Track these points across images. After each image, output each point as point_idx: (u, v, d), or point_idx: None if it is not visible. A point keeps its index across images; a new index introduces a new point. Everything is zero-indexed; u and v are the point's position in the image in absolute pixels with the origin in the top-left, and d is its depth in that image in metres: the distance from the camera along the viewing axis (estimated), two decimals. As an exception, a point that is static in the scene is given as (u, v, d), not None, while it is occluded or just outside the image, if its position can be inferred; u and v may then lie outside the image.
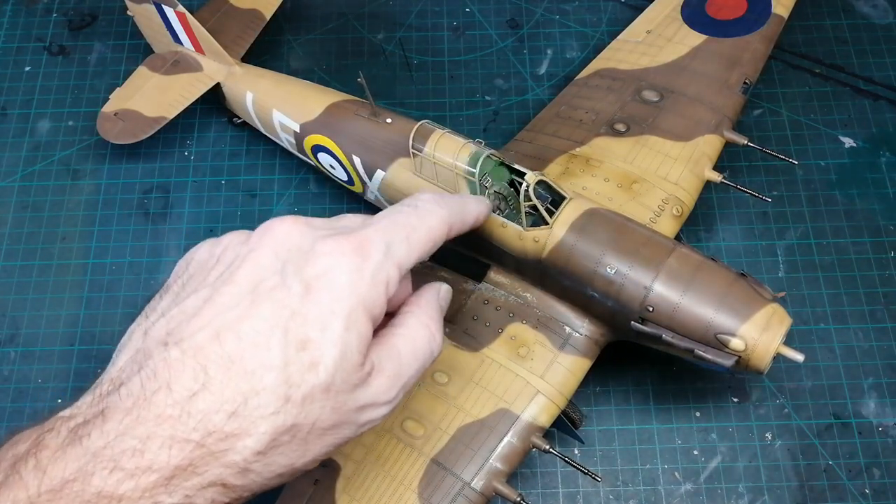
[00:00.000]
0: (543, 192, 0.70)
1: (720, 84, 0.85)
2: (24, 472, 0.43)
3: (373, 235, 0.51)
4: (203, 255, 0.52)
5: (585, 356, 0.72)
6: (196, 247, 0.53)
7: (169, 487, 0.44)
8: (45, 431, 0.44)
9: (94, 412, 0.44)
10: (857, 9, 1.04)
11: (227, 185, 0.95)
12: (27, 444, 0.44)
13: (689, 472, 0.79)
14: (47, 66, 1.03)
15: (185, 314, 0.47)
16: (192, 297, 0.48)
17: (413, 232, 0.53)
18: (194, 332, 0.46)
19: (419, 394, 0.71)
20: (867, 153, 0.95)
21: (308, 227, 0.51)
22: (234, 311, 0.46)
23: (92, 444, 0.43)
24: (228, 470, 0.45)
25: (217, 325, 0.46)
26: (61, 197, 0.95)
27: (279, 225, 0.50)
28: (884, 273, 0.88)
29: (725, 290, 0.67)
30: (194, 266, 0.52)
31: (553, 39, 1.04)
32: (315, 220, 0.53)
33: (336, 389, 0.47)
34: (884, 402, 0.82)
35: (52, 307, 0.89)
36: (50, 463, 0.43)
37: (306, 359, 0.46)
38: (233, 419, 0.44)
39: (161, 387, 0.44)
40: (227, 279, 0.48)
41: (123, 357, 0.48)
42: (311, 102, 0.85)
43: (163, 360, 0.45)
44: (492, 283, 0.76)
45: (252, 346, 0.45)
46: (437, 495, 0.66)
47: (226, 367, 0.45)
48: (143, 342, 0.47)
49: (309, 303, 0.47)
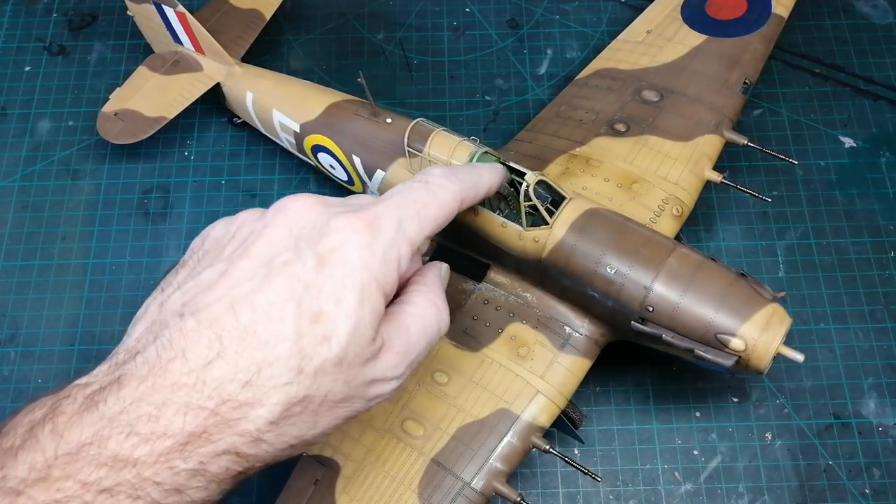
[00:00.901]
0: (543, 192, 0.70)
1: (720, 84, 0.85)
2: (42, 436, 0.43)
3: (384, 212, 0.51)
4: (219, 232, 0.53)
5: (585, 356, 0.72)
6: (212, 224, 0.54)
7: (183, 453, 0.44)
8: (62, 398, 0.45)
9: (110, 379, 0.45)
10: (857, 9, 1.04)
11: (227, 185, 0.95)
12: (44, 410, 0.45)
13: (689, 472, 0.79)
14: (47, 66, 1.03)
15: (201, 287, 0.48)
16: (207, 271, 0.49)
17: (424, 208, 0.54)
18: (210, 304, 0.46)
19: (419, 394, 0.71)
20: (867, 153, 0.95)
21: (322, 205, 0.51)
22: (248, 284, 0.47)
23: (108, 410, 0.44)
24: (241, 439, 0.46)
25: (232, 297, 0.47)
26: (61, 197, 0.95)
27: (293, 202, 0.51)
28: (884, 273, 0.88)
29: (725, 290, 0.67)
30: (210, 242, 0.53)
31: (553, 39, 1.04)
32: (329, 198, 0.53)
33: (348, 363, 0.48)
34: (884, 402, 0.82)
35: (52, 307, 0.89)
36: (66, 427, 0.43)
37: (319, 331, 0.47)
38: (246, 388, 0.45)
39: (177, 355, 0.45)
40: (241, 254, 0.49)
41: (139, 328, 0.48)
42: (311, 102, 0.85)
43: (178, 329, 0.46)
44: (492, 283, 0.76)
45: (266, 318, 0.46)
46: (437, 495, 0.66)
47: (240, 338, 0.46)
48: (159, 314, 0.48)
49: (323, 276, 0.48)
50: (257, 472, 0.49)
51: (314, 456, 0.70)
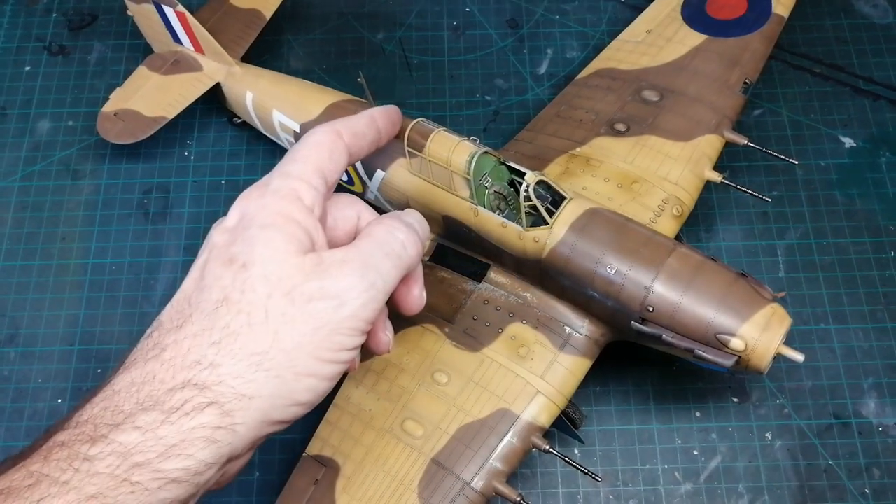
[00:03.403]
0: (543, 191, 0.70)
1: (720, 84, 0.85)
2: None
3: (270, 175, 0.57)
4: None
5: (585, 356, 0.72)
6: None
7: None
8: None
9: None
10: (857, 9, 1.04)
11: (226, 185, 0.95)
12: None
13: (689, 472, 0.79)
14: (47, 66, 1.03)
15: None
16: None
17: (297, 153, 0.57)
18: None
19: (419, 394, 0.71)
20: (867, 153, 0.95)
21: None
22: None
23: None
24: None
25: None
26: (61, 197, 0.95)
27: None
28: (884, 273, 0.88)
29: (726, 291, 0.67)
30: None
31: (553, 39, 1.04)
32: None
33: (276, 277, 0.51)
34: (884, 402, 0.82)
35: (51, 307, 0.89)
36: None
37: (238, 265, 0.52)
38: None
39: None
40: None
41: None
42: (311, 102, 0.85)
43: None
44: (492, 283, 0.75)
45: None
46: (437, 495, 0.66)
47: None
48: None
49: (237, 245, 0.53)
50: (250, 451, 0.52)
51: (314, 456, 0.70)
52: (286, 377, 0.50)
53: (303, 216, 0.53)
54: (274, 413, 0.50)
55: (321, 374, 0.52)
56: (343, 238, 0.59)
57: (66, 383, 0.84)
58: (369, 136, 0.63)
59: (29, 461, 0.46)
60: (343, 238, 0.59)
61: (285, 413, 0.51)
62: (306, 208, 0.54)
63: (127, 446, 0.46)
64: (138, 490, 0.45)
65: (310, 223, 0.54)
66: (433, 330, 0.74)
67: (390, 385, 0.72)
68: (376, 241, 0.56)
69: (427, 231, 0.62)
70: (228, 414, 0.48)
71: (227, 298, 0.50)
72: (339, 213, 0.59)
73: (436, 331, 0.74)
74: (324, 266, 0.52)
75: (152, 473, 0.46)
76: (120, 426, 0.46)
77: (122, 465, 0.45)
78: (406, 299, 0.61)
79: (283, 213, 0.53)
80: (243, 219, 0.54)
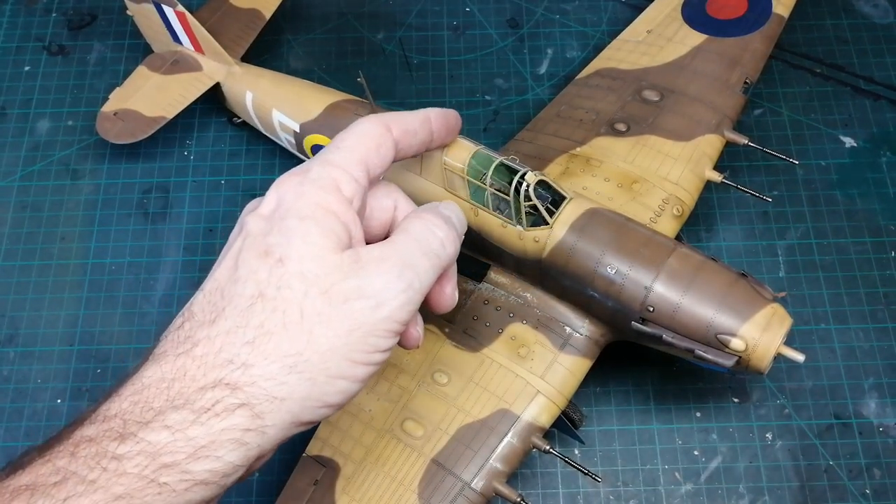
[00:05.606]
0: (543, 191, 0.70)
1: (721, 84, 0.85)
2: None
3: (310, 162, 0.54)
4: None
5: (586, 356, 0.72)
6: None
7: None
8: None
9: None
10: (857, 8, 1.04)
11: (226, 185, 0.95)
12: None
13: (690, 472, 0.79)
14: (47, 66, 1.03)
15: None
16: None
17: (342, 142, 0.55)
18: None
19: (419, 394, 0.71)
20: (868, 153, 0.95)
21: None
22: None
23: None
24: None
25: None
26: (61, 197, 0.95)
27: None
28: (884, 273, 0.88)
29: (726, 291, 0.67)
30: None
31: (553, 39, 1.04)
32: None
33: (314, 275, 0.49)
34: (884, 403, 0.81)
35: (51, 307, 0.88)
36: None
37: (272, 260, 0.50)
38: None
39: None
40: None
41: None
42: (311, 102, 0.85)
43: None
44: (492, 283, 0.75)
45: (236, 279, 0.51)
46: (437, 496, 0.66)
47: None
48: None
49: (274, 232, 0.51)
50: (275, 446, 0.50)
51: (314, 456, 0.70)
52: (318, 380, 0.49)
53: (342, 209, 0.51)
54: (304, 415, 0.49)
55: (353, 377, 0.50)
56: (378, 229, 0.57)
57: (66, 383, 0.84)
58: (420, 136, 0.60)
59: (55, 455, 0.45)
60: (378, 229, 0.57)
61: (315, 414, 0.50)
62: (346, 200, 0.52)
63: (156, 446, 0.45)
64: (165, 491, 0.44)
65: (349, 217, 0.51)
66: (433, 330, 0.74)
67: (390, 385, 0.72)
68: (415, 238, 0.54)
69: (465, 224, 0.59)
70: (259, 416, 0.47)
71: (263, 294, 0.48)
72: (375, 203, 0.57)
73: (436, 331, 0.74)
74: (361, 263, 0.50)
75: (180, 475, 0.45)
76: (149, 424, 0.45)
77: (151, 465, 0.44)
78: (438, 298, 0.58)
79: (321, 204, 0.51)
80: (280, 207, 0.51)
